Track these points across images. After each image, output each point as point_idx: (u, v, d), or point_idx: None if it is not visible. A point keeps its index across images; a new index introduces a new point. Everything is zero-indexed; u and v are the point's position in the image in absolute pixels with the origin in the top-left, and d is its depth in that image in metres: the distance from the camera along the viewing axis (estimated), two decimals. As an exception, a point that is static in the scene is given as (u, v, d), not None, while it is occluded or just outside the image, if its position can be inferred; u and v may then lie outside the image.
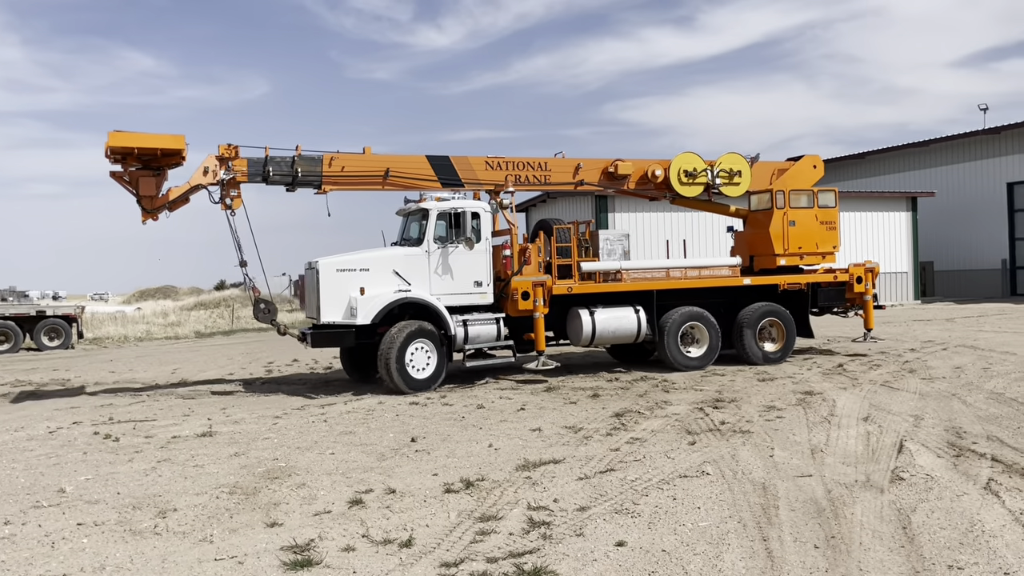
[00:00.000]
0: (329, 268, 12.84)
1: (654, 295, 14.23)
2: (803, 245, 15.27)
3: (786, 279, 15.05)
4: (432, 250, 13.15)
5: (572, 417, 10.14)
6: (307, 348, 13.58)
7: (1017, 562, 4.95)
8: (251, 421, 10.78)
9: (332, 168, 13.37)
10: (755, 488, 6.71)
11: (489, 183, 14.20)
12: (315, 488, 7.23)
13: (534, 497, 6.68)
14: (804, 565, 5.06)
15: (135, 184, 12.50)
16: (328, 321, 12.83)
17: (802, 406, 10.20)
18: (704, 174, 15.29)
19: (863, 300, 15.49)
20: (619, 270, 14.36)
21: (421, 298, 12.92)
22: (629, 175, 15.18)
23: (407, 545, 5.65)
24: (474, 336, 13.22)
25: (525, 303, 13.24)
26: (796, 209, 15.29)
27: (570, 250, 14.40)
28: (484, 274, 13.43)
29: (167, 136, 12.28)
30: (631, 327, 13.97)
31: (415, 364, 12.63)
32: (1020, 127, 32.23)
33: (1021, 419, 8.90)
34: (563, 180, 14.93)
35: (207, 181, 12.76)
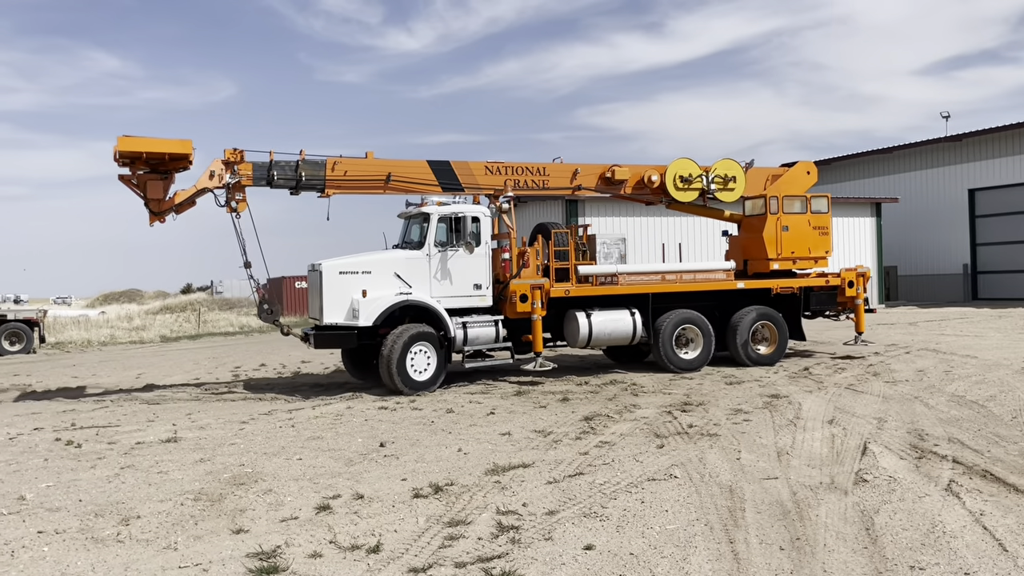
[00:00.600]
0: (332, 270, 13.05)
1: (649, 298, 14.46)
2: (796, 250, 15.57)
3: (779, 283, 15.33)
4: (433, 253, 13.37)
5: (542, 421, 10.15)
6: (309, 348, 13.79)
7: (977, 562, 5.04)
8: (217, 426, 10.65)
9: (335, 172, 13.58)
10: (722, 491, 6.77)
11: (489, 188, 14.42)
12: (282, 494, 7.17)
13: (503, 501, 6.67)
14: (769, 567, 5.11)
15: (143, 187, 12.75)
16: (331, 322, 13.01)
17: (768, 409, 10.30)
18: (699, 179, 15.51)
19: (854, 304, 15.76)
20: (615, 273, 14.63)
21: (422, 301, 13.12)
22: (626, 180, 15.43)
23: (375, 551, 5.62)
24: (473, 338, 13.42)
25: (523, 305, 13.50)
26: (789, 214, 15.61)
27: (568, 253, 14.61)
28: (484, 277, 13.66)
29: (175, 141, 12.56)
30: (627, 329, 14.22)
31: (415, 366, 12.83)
32: (981, 134, 32.92)
33: (981, 421, 9.07)
34: (561, 185, 15.17)
35: (213, 185, 13.00)
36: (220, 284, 66.95)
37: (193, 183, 13.06)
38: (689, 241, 27.50)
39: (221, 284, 66.77)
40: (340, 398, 12.73)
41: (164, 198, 12.84)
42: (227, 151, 13.01)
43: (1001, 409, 9.66)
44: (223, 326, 36.45)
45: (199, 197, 13.15)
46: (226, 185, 13.00)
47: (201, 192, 13.06)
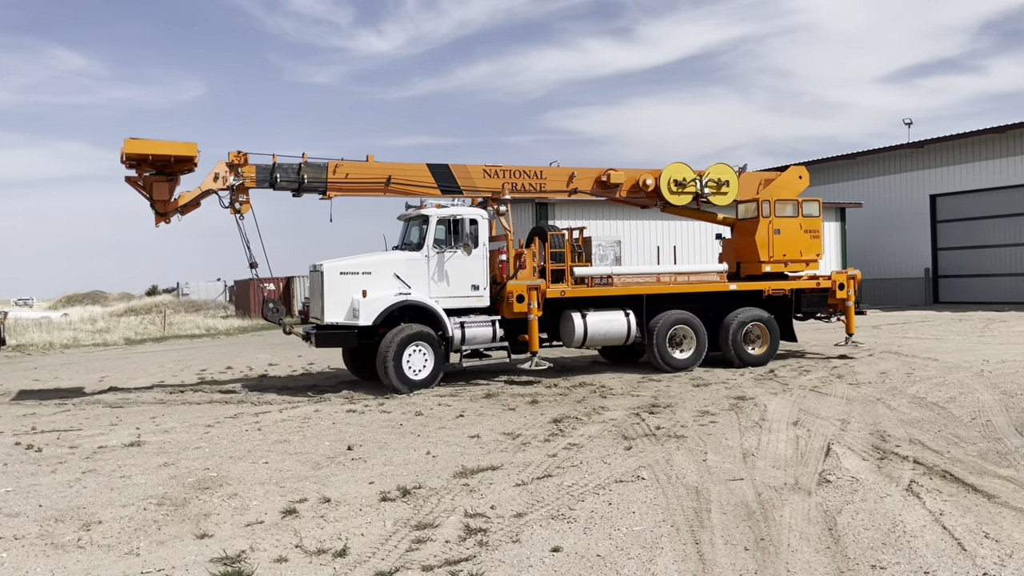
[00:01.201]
0: (333, 271, 13.30)
1: (644, 299, 14.72)
2: (787, 252, 15.84)
3: (770, 285, 15.66)
4: (432, 255, 13.63)
5: (511, 423, 10.16)
6: (310, 347, 14.11)
7: (937, 561, 5.14)
8: (181, 430, 10.52)
9: (336, 175, 13.81)
10: (688, 492, 6.82)
11: (487, 190, 14.63)
12: (247, 498, 7.09)
13: (471, 504, 6.67)
14: (734, 567, 5.16)
15: (149, 189, 12.94)
16: (332, 322, 13.26)
17: (735, 411, 10.41)
18: (693, 184, 15.79)
19: (845, 306, 16.15)
20: (610, 275, 14.96)
21: (420, 301, 13.37)
22: (621, 184, 15.64)
23: (341, 555, 5.59)
24: (471, 337, 13.66)
25: (520, 306, 13.79)
26: (781, 218, 15.86)
27: (564, 255, 14.85)
28: (481, 278, 13.91)
29: (180, 144, 12.73)
30: (621, 330, 14.46)
31: (412, 365, 13.06)
32: (942, 141, 33.58)
33: (942, 423, 9.24)
34: (557, 188, 15.40)
35: (217, 186, 13.22)
36: (186, 286, 66.11)
37: (198, 185, 13.30)
38: (683, 244, 28.06)
39: (187, 286, 65.94)
40: (308, 401, 12.63)
41: (170, 199, 13.04)
42: (231, 154, 13.23)
43: (961, 411, 9.85)
44: (189, 328, 35.99)
45: (204, 199, 13.37)
46: (230, 187, 13.24)
47: (206, 194, 13.27)
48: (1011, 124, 30.88)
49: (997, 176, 32.09)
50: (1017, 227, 31.69)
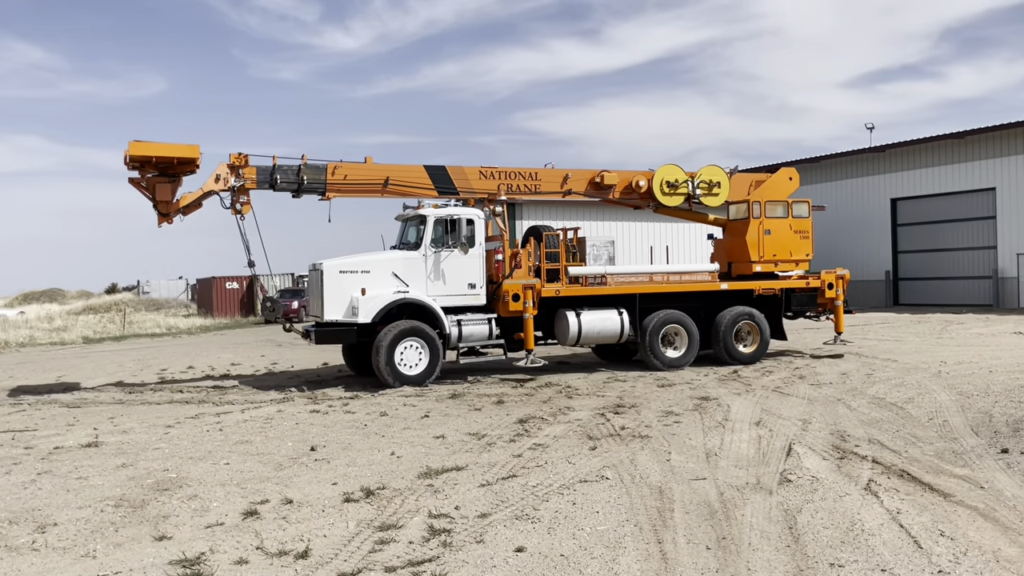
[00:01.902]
0: (332, 269, 13.58)
1: (637, 298, 14.97)
2: (778, 252, 16.13)
3: (761, 284, 15.92)
4: (429, 254, 13.93)
5: (476, 424, 10.14)
6: (309, 344, 14.35)
7: (894, 559, 5.22)
8: (141, 430, 10.34)
9: (335, 176, 14.03)
10: (652, 492, 6.86)
11: (483, 191, 14.86)
12: (207, 499, 6.99)
13: (435, 505, 6.64)
14: (696, 566, 5.20)
15: (152, 190, 13.16)
16: (331, 319, 13.52)
17: (698, 411, 10.50)
18: (685, 185, 16.02)
19: (834, 305, 16.52)
20: (604, 274, 15.19)
21: (418, 299, 13.66)
22: (615, 185, 15.87)
23: (303, 556, 5.53)
24: (468, 335, 13.94)
25: (516, 304, 14.07)
26: (772, 219, 16.13)
27: (559, 255, 15.15)
28: (478, 277, 14.22)
29: (183, 146, 13.01)
30: (615, 328, 14.74)
31: (406, 361, 13.31)
32: (903, 146, 34.20)
33: (900, 423, 9.40)
34: (552, 189, 15.63)
35: (218, 187, 13.44)
36: (147, 284, 65.07)
37: (199, 186, 13.48)
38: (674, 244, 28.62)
39: (148, 284, 64.90)
40: (271, 401, 12.50)
41: (172, 200, 13.26)
42: (232, 155, 13.41)
43: (918, 411, 10.03)
44: (150, 327, 35.44)
45: (205, 199, 13.58)
46: (231, 188, 13.44)
47: (207, 195, 13.47)
48: (970, 130, 31.55)
49: (956, 181, 32.76)
50: (974, 231, 32.37)
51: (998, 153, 31.32)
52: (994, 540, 5.48)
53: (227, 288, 44.69)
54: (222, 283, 44.73)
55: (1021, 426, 8.85)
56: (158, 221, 13.46)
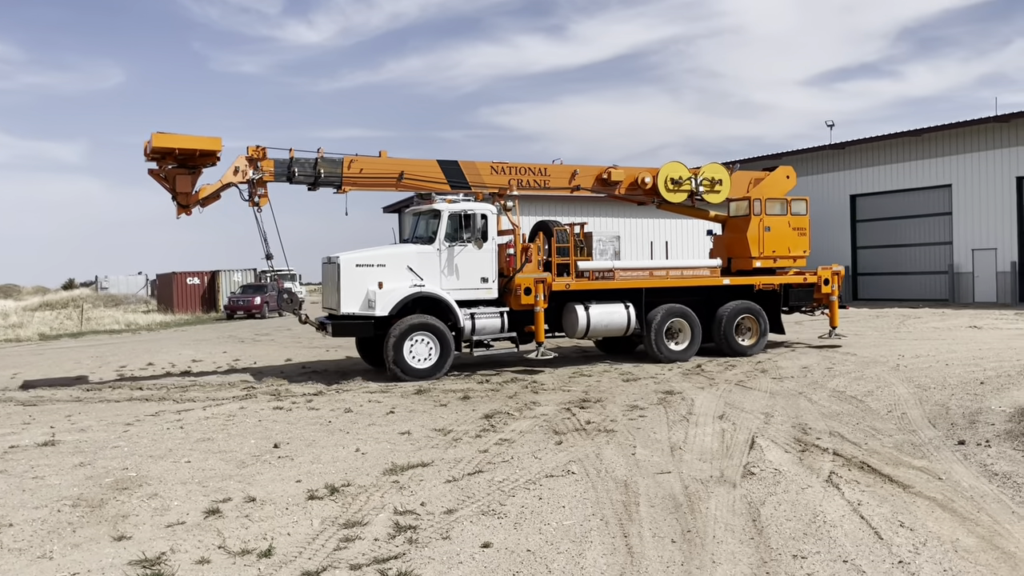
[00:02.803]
0: (349, 263, 13.70)
1: (643, 292, 15.31)
2: (777, 249, 16.61)
3: (761, 280, 16.33)
4: (443, 248, 14.10)
5: (442, 420, 10.10)
6: (324, 337, 14.55)
7: (855, 550, 5.30)
8: (99, 429, 10.14)
9: (351, 170, 14.21)
10: (617, 486, 6.89)
11: (494, 186, 15.12)
12: (168, 498, 6.87)
13: (401, 501, 6.60)
14: (662, 559, 5.23)
15: (172, 182, 13.22)
16: (348, 312, 13.63)
17: (663, 405, 10.57)
18: (688, 182, 16.38)
19: (829, 300, 16.98)
20: (611, 269, 15.49)
21: (434, 293, 13.84)
22: (621, 181, 16.18)
23: (266, 555, 5.46)
24: (481, 328, 14.12)
25: (527, 298, 14.31)
26: (771, 216, 16.60)
27: (567, 250, 15.39)
28: (490, 271, 14.43)
29: (206, 138, 13.08)
30: (621, 321, 15.03)
31: (416, 355, 13.48)
32: (862, 143, 34.77)
33: (860, 415, 9.56)
34: (560, 185, 15.91)
35: (237, 180, 13.51)
36: (105, 279, 63.87)
37: (218, 178, 13.51)
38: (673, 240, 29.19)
39: (107, 279, 63.71)
40: (233, 398, 12.33)
41: (192, 192, 13.31)
42: (250, 148, 13.52)
43: (877, 404, 10.20)
44: (108, 324, 34.77)
45: (223, 191, 13.62)
46: (249, 181, 13.52)
47: (226, 187, 13.51)
48: (926, 128, 32.18)
49: (913, 178, 33.40)
50: (931, 227, 33.05)
51: (954, 151, 31.99)
52: (952, 530, 5.59)
53: (188, 284, 44.04)
54: (183, 278, 44.05)
55: (977, 418, 9.04)
56: (177, 212, 13.51)
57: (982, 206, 31.09)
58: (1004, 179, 30.34)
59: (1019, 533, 5.48)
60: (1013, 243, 30.11)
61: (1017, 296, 29.93)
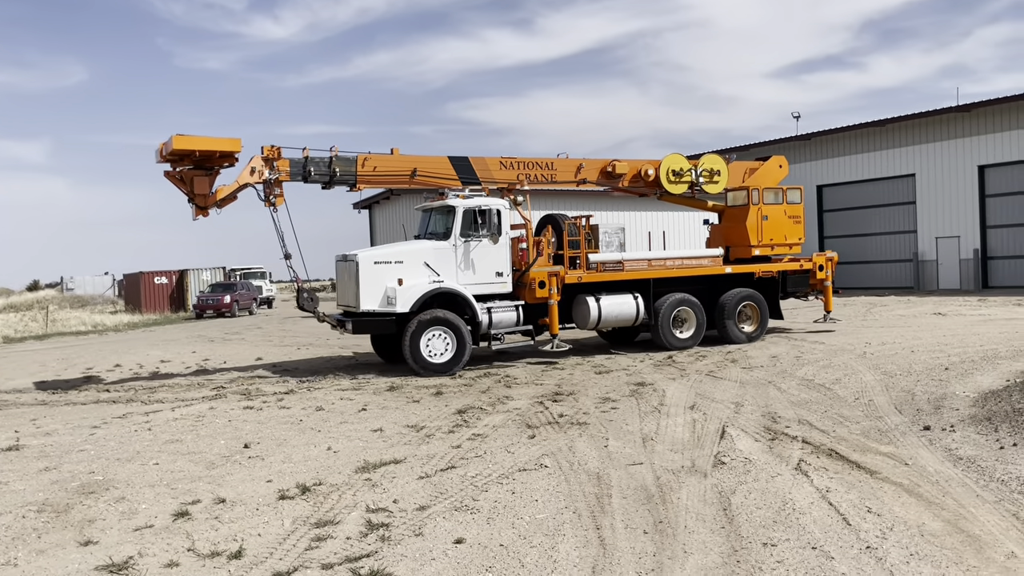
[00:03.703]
0: (368, 261, 13.79)
1: (650, 283, 15.62)
2: (774, 237, 17.05)
3: (761, 267, 16.77)
4: (459, 243, 14.21)
5: (414, 416, 10.07)
6: (341, 335, 14.62)
7: (824, 537, 5.36)
8: (65, 432, 9.97)
9: (365, 168, 14.28)
10: (590, 478, 6.91)
11: (503, 181, 15.29)
12: (136, 502, 6.78)
13: (373, 499, 6.57)
14: (634, 550, 5.25)
15: (189, 183, 13.22)
16: (367, 309, 13.70)
17: (635, 397, 10.62)
18: (689, 173, 16.67)
19: (823, 286, 17.51)
20: (621, 260, 15.77)
21: (453, 288, 13.97)
22: (625, 174, 16.46)
23: (237, 556, 5.40)
24: (497, 322, 14.33)
25: (542, 291, 14.53)
26: (768, 205, 16.98)
27: (579, 243, 15.70)
28: (505, 265, 14.58)
29: (226, 140, 13.11)
30: (631, 312, 15.35)
31: (432, 350, 13.60)
32: (827, 134, 35.16)
33: (828, 403, 9.68)
34: (567, 179, 16.10)
35: (254, 180, 13.49)
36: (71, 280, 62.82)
37: (233, 179, 13.51)
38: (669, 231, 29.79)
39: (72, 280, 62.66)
40: (202, 399, 12.19)
41: (209, 193, 13.31)
42: (265, 148, 13.52)
43: (845, 391, 10.33)
44: (74, 325, 34.21)
45: (240, 192, 13.62)
46: (266, 181, 13.50)
47: (242, 187, 13.48)
48: (890, 118, 32.61)
49: (878, 168, 33.84)
50: (896, 216, 33.52)
51: (917, 140, 32.46)
52: (918, 515, 5.68)
53: (156, 283, 43.47)
54: (151, 278, 43.47)
55: (942, 403, 9.19)
56: (194, 214, 13.46)
57: (945, 195, 31.59)
58: (966, 168, 30.85)
59: (983, 516, 5.58)
60: (975, 231, 30.64)
61: (980, 282, 30.47)
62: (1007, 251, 30.17)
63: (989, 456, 6.99)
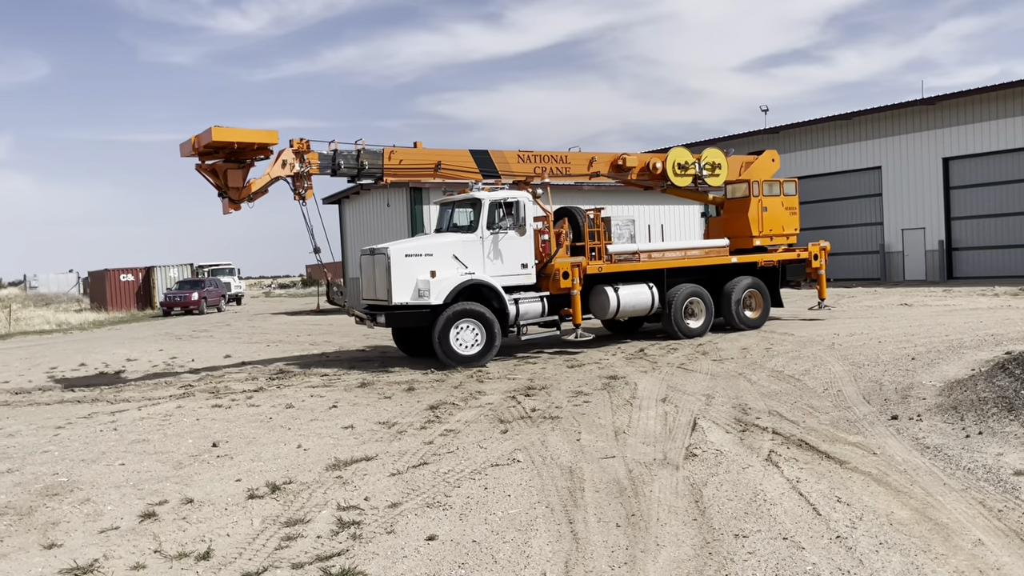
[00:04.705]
0: (399, 254, 13.81)
1: (664, 273, 16.05)
2: (773, 228, 17.71)
3: (763, 257, 17.41)
4: (486, 236, 14.34)
5: (386, 412, 10.00)
6: (370, 327, 14.64)
7: (794, 527, 5.39)
8: (28, 433, 9.77)
9: (392, 161, 14.38)
10: (563, 472, 6.90)
11: (521, 174, 15.52)
12: (101, 503, 6.65)
13: (344, 497, 6.50)
14: (607, 544, 5.25)
15: (223, 176, 13.09)
16: (400, 302, 13.71)
17: (607, 390, 10.63)
18: (693, 166, 17.29)
19: (817, 274, 18.25)
20: (636, 251, 16.23)
21: (485, 280, 14.10)
22: (634, 167, 16.90)
23: (205, 557, 5.32)
24: (524, 313, 14.54)
25: (566, 282, 14.80)
26: (768, 197, 17.67)
27: (599, 234, 15.93)
28: (530, 257, 14.80)
29: (264, 132, 13.05)
30: (647, 302, 15.73)
31: (462, 341, 13.67)
32: (795, 127, 35.51)
33: (797, 394, 9.76)
34: (580, 171, 16.52)
35: (285, 173, 13.41)
36: (35, 278, 61.69)
37: (262, 172, 13.40)
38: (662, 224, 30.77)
39: (36, 278, 61.53)
40: (170, 397, 12.02)
41: (243, 186, 13.22)
42: (294, 141, 13.46)
43: (814, 382, 10.43)
44: (38, 324, 33.60)
45: (271, 185, 13.53)
46: (296, 174, 13.46)
47: (273, 180, 13.40)
48: (856, 111, 33.00)
49: (844, 160, 34.25)
50: (863, 208, 33.95)
51: (883, 134, 32.89)
52: (887, 504, 5.73)
53: (121, 280, 42.83)
54: (116, 275, 42.82)
55: (909, 393, 9.31)
56: (226, 208, 13.39)
57: (910, 187, 32.06)
58: (931, 160, 31.32)
59: (951, 505, 5.65)
60: (940, 222, 31.13)
61: (945, 273, 30.98)
62: (971, 242, 30.71)
63: (955, 445, 7.09)
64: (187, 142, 13.07)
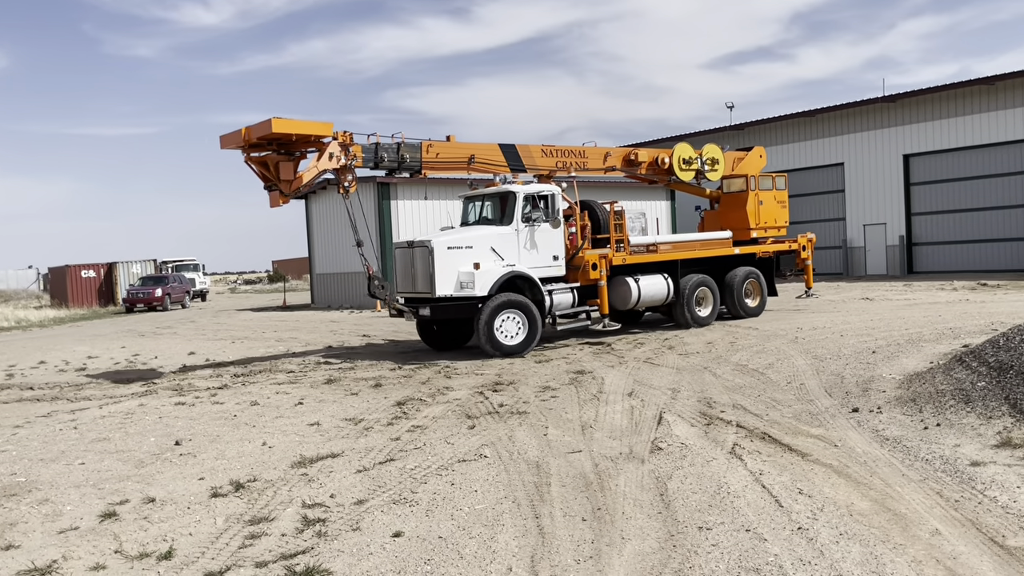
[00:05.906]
0: (442, 246, 13.95)
1: (678, 264, 16.61)
2: (767, 220, 18.62)
3: (761, 248, 18.33)
4: (521, 228, 14.64)
5: (353, 409, 9.94)
6: (409, 320, 14.75)
7: (757, 519, 5.46)
8: (-15, 433, 9.56)
9: (429, 154, 14.76)
10: (530, 467, 6.92)
11: (544, 168, 16.13)
12: (60, 503, 6.54)
13: (309, 494, 6.45)
14: (572, 538, 5.27)
15: (275, 169, 13.07)
16: (443, 294, 13.89)
17: (574, 385, 10.68)
18: (696, 161, 18.14)
19: (805, 265, 19.40)
20: (655, 243, 16.87)
21: (524, 271, 14.39)
22: (644, 161, 17.67)
23: (166, 557, 5.25)
24: (558, 303, 14.84)
25: (594, 273, 15.25)
26: (762, 191, 18.58)
27: (622, 227, 16.22)
28: (560, 249, 15.17)
29: (320, 124, 13.19)
30: (663, 292, 16.25)
31: (505, 331, 13.86)
32: (759, 124, 35.88)
33: (761, 388, 9.88)
34: (596, 166, 17.14)
35: (332, 165, 13.52)
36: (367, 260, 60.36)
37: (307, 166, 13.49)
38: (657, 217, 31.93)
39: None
40: (132, 395, 11.84)
41: (294, 178, 13.24)
42: (339, 134, 13.58)
43: (778, 376, 10.56)
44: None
45: (318, 178, 13.77)
46: (343, 167, 13.61)
47: (321, 173, 13.54)
48: (819, 109, 33.43)
49: (808, 157, 34.70)
50: (826, 204, 34.42)
51: (845, 130, 33.37)
52: (848, 495, 5.83)
53: (83, 277, 42.08)
54: (77, 271, 42.05)
55: (869, 386, 9.47)
56: (274, 201, 13.34)
57: (872, 183, 32.57)
58: (892, 157, 31.84)
59: (909, 495, 5.76)
60: (900, 218, 31.67)
61: (905, 268, 31.54)
62: (931, 237, 31.29)
63: (914, 436, 7.22)
64: (233, 133, 13.01)
